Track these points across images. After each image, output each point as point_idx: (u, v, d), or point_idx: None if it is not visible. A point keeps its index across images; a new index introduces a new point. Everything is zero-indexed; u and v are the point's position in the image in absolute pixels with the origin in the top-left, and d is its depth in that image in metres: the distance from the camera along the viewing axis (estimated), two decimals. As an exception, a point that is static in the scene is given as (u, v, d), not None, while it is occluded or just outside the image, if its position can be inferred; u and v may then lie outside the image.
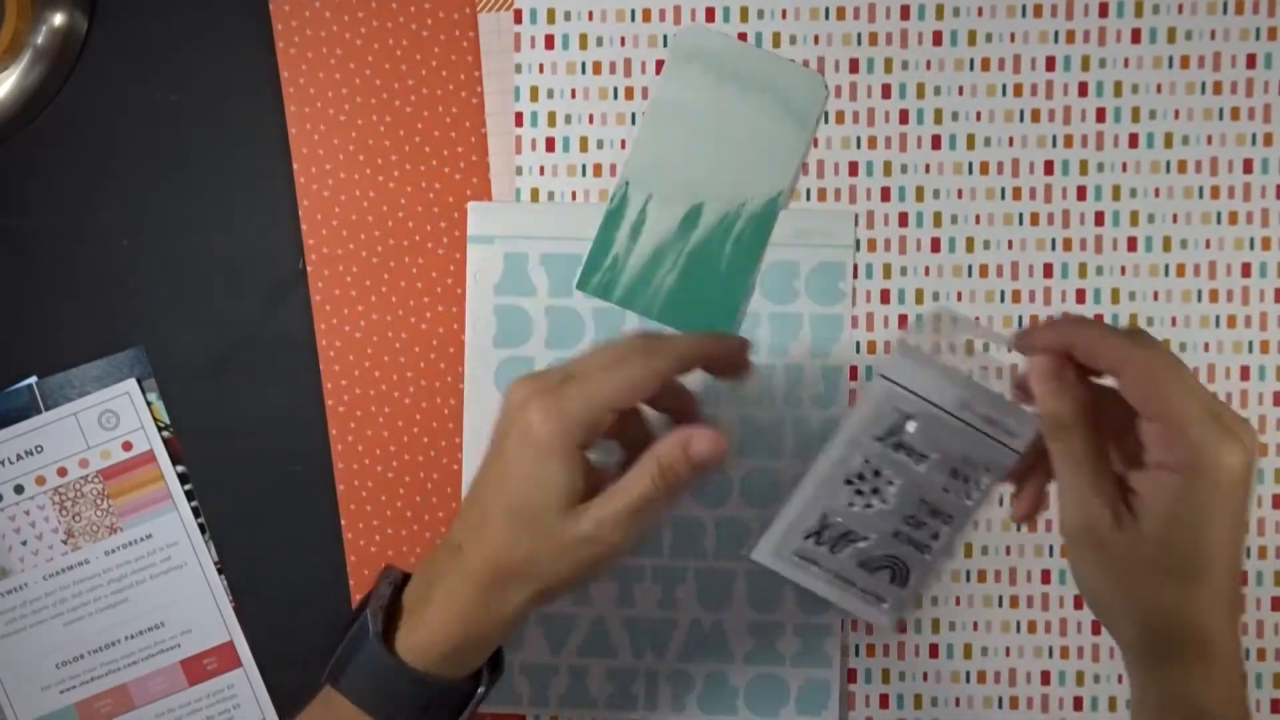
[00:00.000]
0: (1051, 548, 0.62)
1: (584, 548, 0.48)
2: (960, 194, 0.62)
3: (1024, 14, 0.61)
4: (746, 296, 0.62)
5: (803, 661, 0.63)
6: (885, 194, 0.62)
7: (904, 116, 0.62)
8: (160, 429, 0.64)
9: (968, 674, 0.63)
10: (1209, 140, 0.61)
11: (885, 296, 0.62)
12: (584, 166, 0.63)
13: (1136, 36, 0.61)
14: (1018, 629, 0.62)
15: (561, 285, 0.63)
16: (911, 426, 0.49)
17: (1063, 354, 0.46)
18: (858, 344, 0.62)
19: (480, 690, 0.51)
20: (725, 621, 0.63)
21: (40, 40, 0.63)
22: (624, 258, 0.62)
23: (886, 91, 0.62)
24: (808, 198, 0.62)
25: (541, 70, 0.63)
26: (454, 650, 0.49)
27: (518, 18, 0.63)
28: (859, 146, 0.62)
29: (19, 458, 0.64)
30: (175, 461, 0.64)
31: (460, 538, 0.49)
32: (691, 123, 0.62)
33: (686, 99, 0.62)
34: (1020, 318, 0.62)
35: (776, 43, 0.62)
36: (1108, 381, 0.47)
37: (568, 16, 0.62)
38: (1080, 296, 0.62)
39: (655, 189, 0.62)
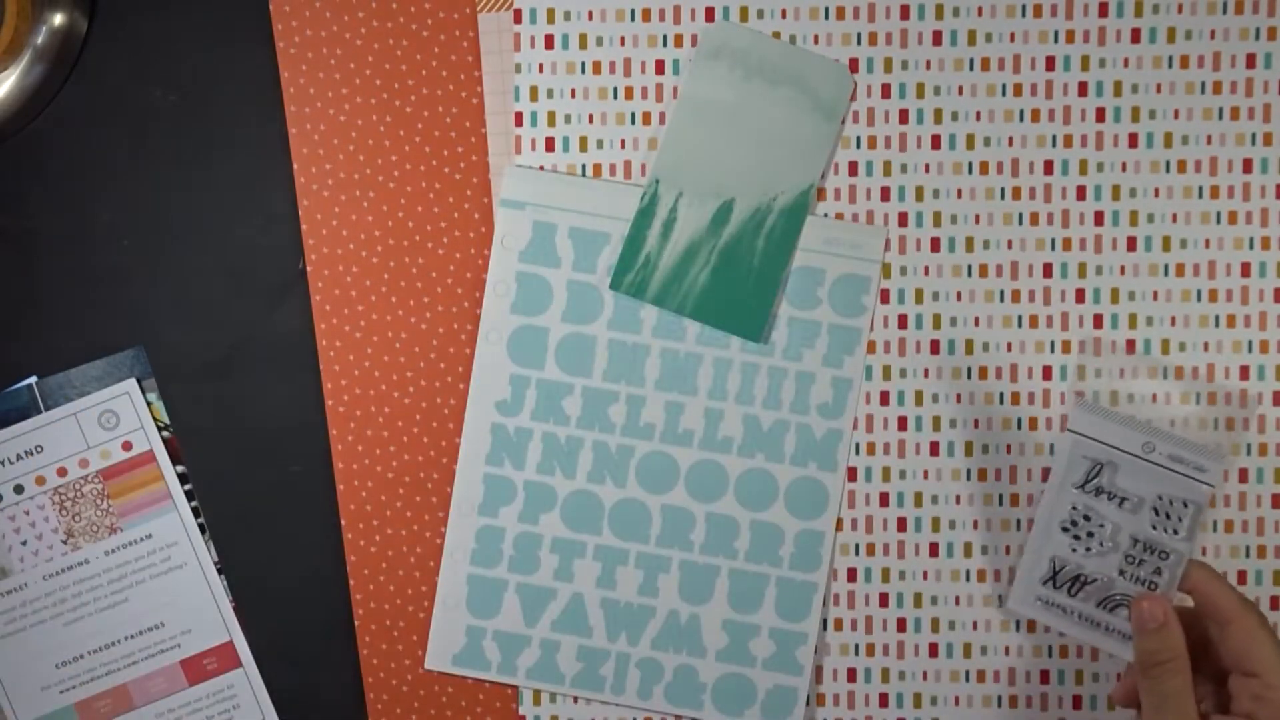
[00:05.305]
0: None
1: None
2: (960, 194, 0.62)
3: (1024, 14, 0.61)
4: (779, 293, 0.62)
5: (774, 666, 0.62)
6: (885, 194, 0.62)
7: (904, 116, 0.62)
8: (160, 429, 0.64)
9: (967, 674, 0.63)
10: (1209, 140, 0.61)
11: (885, 296, 0.62)
12: (584, 166, 0.63)
13: (1136, 36, 0.61)
14: (1017, 628, 0.62)
15: (586, 261, 0.62)
16: (1106, 473, 0.57)
17: (1167, 601, 0.53)
18: (858, 344, 0.62)
19: None
20: (703, 616, 0.63)
21: (40, 40, 0.63)
22: (656, 257, 0.62)
23: (886, 91, 0.62)
24: (808, 198, 0.62)
25: (541, 70, 0.63)
26: None
27: (518, 18, 0.63)
28: (859, 146, 0.62)
29: (19, 458, 0.64)
30: (175, 461, 0.64)
31: None
32: (720, 119, 0.62)
33: (714, 95, 0.62)
34: (1020, 318, 0.62)
35: (776, 43, 0.62)
36: None
37: (568, 16, 0.62)
38: (1080, 296, 0.62)
39: (685, 186, 0.62)
